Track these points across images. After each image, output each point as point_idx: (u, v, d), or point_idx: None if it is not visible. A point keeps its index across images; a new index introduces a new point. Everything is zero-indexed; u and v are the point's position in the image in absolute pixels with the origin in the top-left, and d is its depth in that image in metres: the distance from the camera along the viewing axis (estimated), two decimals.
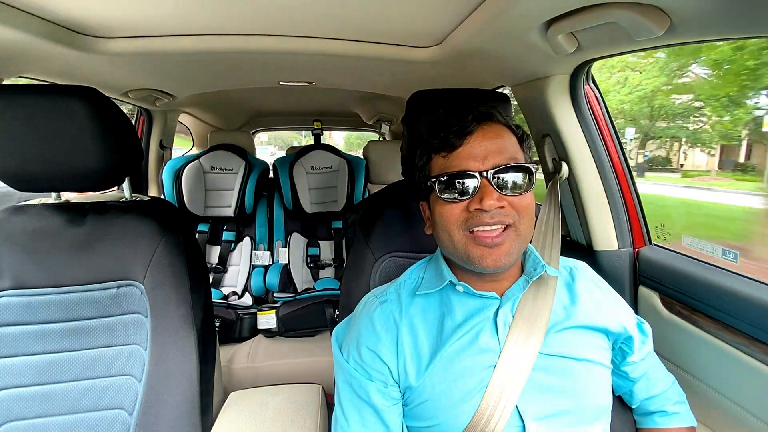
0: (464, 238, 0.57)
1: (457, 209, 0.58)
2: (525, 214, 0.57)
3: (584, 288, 0.66)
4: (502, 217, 0.55)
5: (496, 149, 0.57)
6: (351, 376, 0.62)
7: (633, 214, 1.00)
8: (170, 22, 0.87)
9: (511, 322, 0.60)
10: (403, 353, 0.60)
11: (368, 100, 2.20)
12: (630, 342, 0.65)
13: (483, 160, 0.57)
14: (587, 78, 0.96)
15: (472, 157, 0.57)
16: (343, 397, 0.63)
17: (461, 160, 0.58)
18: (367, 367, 0.61)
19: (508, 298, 0.61)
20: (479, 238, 0.56)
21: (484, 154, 0.57)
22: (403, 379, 0.60)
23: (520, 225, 0.57)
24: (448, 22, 0.86)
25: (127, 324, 0.82)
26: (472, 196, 0.56)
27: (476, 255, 0.56)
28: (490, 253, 0.56)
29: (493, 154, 0.57)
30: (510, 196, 0.56)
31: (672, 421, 0.67)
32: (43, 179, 0.77)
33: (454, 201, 0.58)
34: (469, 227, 0.56)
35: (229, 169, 1.89)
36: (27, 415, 0.78)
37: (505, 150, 0.58)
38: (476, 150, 0.57)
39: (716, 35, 0.61)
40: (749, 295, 0.69)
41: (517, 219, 0.56)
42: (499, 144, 0.58)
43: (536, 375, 0.57)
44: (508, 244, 0.56)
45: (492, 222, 0.55)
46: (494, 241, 0.55)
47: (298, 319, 1.60)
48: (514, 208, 0.56)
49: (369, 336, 0.62)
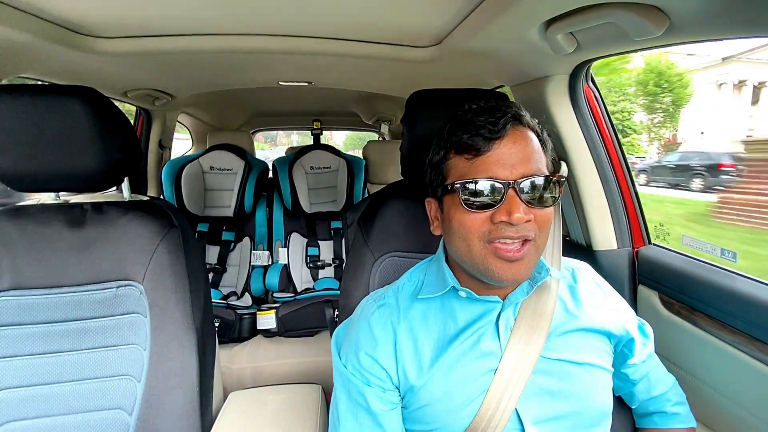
0: (484, 250, 0.54)
1: (479, 219, 0.53)
2: (545, 227, 0.54)
3: (586, 290, 0.65)
4: (525, 232, 0.52)
5: (525, 157, 0.53)
6: (349, 382, 0.61)
7: (632, 214, 1.00)
8: (169, 21, 0.87)
9: (513, 326, 0.59)
10: (402, 357, 0.59)
11: (367, 100, 2.20)
12: (631, 344, 0.65)
13: (512, 168, 0.52)
14: (586, 78, 0.96)
15: (501, 164, 0.52)
16: (340, 402, 0.62)
17: (489, 166, 0.53)
18: (365, 372, 0.60)
19: (510, 302, 0.60)
20: (500, 252, 0.52)
21: (513, 161, 0.52)
22: (403, 382, 0.59)
23: (539, 239, 0.54)
24: (447, 22, 0.86)
25: (126, 324, 0.82)
26: (498, 206, 0.52)
27: (496, 269, 0.53)
28: (510, 268, 0.53)
29: (521, 163, 0.53)
30: (535, 209, 0.53)
31: (671, 422, 0.67)
32: (42, 179, 0.76)
33: (476, 210, 0.53)
34: (491, 239, 0.53)
35: (229, 169, 1.89)
36: (26, 415, 0.78)
37: (533, 158, 0.54)
38: (505, 156, 0.53)
39: (715, 35, 0.61)
40: (749, 295, 0.70)
41: (537, 233, 0.53)
42: (528, 151, 0.54)
43: (537, 378, 0.57)
44: (527, 258, 0.53)
45: (516, 236, 0.52)
46: (515, 256, 0.52)
47: (298, 319, 1.59)
48: (536, 222, 0.53)
49: (367, 341, 0.61)
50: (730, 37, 0.61)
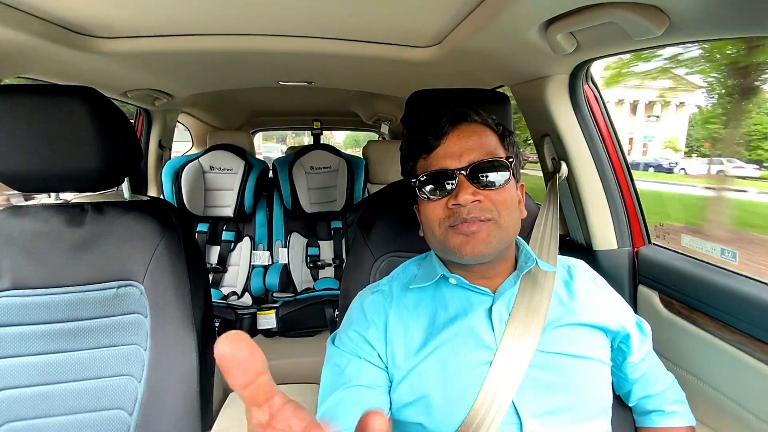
0: (445, 231, 0.59)
1: (438, 207, 0.60)
2: (504, 207, 0.59)
3: (582, 286, 0.66)
4: (478, 213, 0.57)
5: (472, 146, 0.59)
6: (338, 356, 0.62)
7: (632, 214, 1.00)
8: (169, 22, 0.87)
9: (508, 319, 0.60)
10: (392, 340, 0.61)
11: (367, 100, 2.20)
12: (628, 341, 0.65)
13: (459, 158, 0.59)
14: (586, 78, 0.96)
15: (449, 156, 0.60)
16: (325, 378, 0.62)
17: (439, 160, 0.60)
18: (355, 348, 0.61)
19: (500, 294, 0.62)
20: (457, 228, 0.58)
21: (460, 152, 0.59)
22: (391, 362, 0.60)
23: (501, 219, 0.58)
24: (447, 22, 0.86)
25: (126, 324, 0.82)
26: (450, 193, 0.58)
27: (455, 244, 0.58)
28: (468, 241, 0.57)
29: (468, 152, 0.59)
30: (487, 190, 0.58)
31: (670, 420, 0.67)
32: (42, 179, 0.77)
33: (434, 199, 0.60)
34: (449, 223, 0.58)
35: (229, 169, 1.89)
36: (27, 415, 0.78)
37: (481, 147, 0.60)
38: (452, 149, 0.60)
39: (715, 34, 0.61)
40: (748, 294, 0.70)
41: (496, 214, 0.58)
42: (475, 141, 0.60)
43: (533, 372, 0.57)
44: (485, 232, 0.57)
45: (469, 217, 0.57)
46: (469, 229, 0.57)
47: (298, 319, 1.60)
48: (492, 203, 0.58)
49: (359, 321, 0.64)
50: (730, 36, 0.61)
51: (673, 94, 6.48)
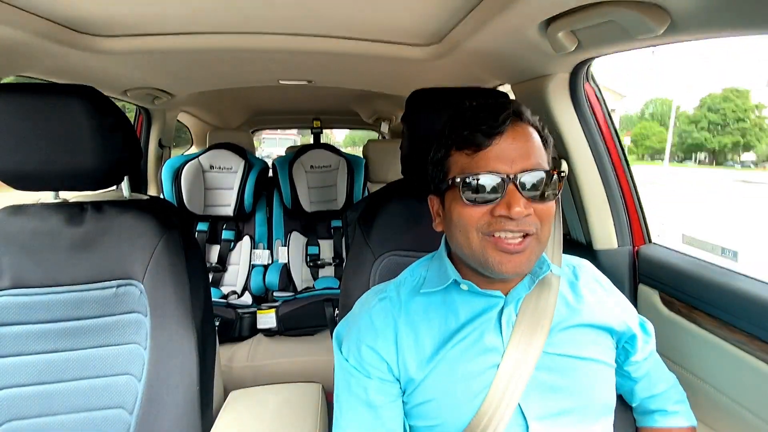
0: (483, 242, 0.54)
1: (479, 212, 0.54)
2: (547, 221, 0.55)
3: (588, 286, 0.66)
4: (526, 226, 0.53)
5: (526, 152, 0.54)
6: (350, 375, 0.61)
7: (633, 213, 1.00)
8: (169, 20, 0.87)
9: (515, 322, 0.59)
10: (403, 350, 0.59)
11: (367, 99, 2.20)
12: (633, 341, 0.65)
13: (512, 163, 0.53)
14: (587, 76, 0.96)
15: (501, 159, 0.53)
16: (341, 397, 0.62)
17: (489, 161, 0.53)
18: (366, 365, 0.60)
19: (513, 298, 0.60)
20: (500, 244, 0.53)
21: (513, 156, 0.53)
22: (404, 375, 0.59)
23: (541, 233, 0.54)
24: (447, 21, 0.85)
25: (126, 323, 0.82)
26: (499, 200, 0.53)
27: (495, 261, 0.53)
28: (510, 260, 0.53)
29: (522, 158, 0.53)
30: (536, 203, 0.53)
31: (672, 420, 0.67)
32: (42, 178, 0.76)
33: (477, 204, 0.54)
34: (490, 232, 0.53)
35: (229, 168, 1.89)
36: (27, 414, 0.78)
37: (533, 153, 0.54)
38: (506, 152, 0.53)
39: (716, 33, 0.61)
40: (749, 294, 0.69)
41: (539, 227, 0.54)
42: (528, 147, 0.54)
43: (540, 374, 0.57)
44: (528, 251, 0.53)
45: (516, 230, 0.52)
46: (515, 248, 0.52)
47: (298, 318, 1.59)
48: (537, 216, 0.54)
49: (368, 333, 0.62)
50: (730, 34, 0.61)
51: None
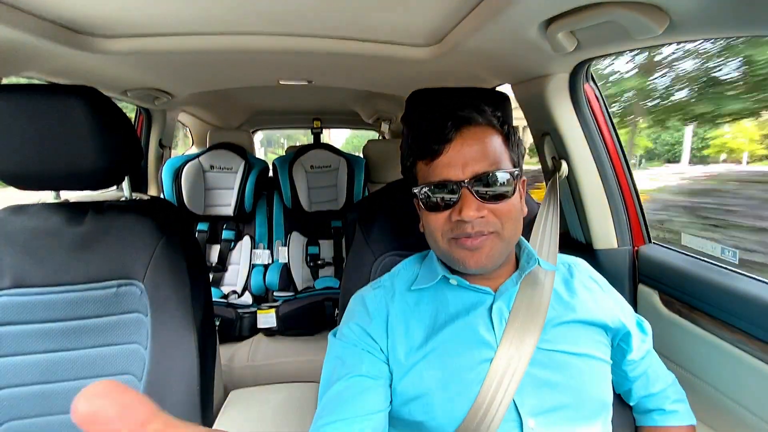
0: (448, 243, 0.59)
1: (440, 218, 0.58)
2: (508, 219, 0.58)
3: (582, 284, 0.66)
4: (482, 227, 0.56)
5: (477, 155, 0.56)
6: (340, 348, 0.62)
7: (632, 213, 1.00)
8: (169, 21, 0.87)
9: (508, 317, 0.60)
10: (393, 334, 0.61)
11: (368, 99, 2.20)
12: (628, 339, 0.65)
13: (463, 168, 0.56)
14: (587, 76, 0.96)
15: (452, 165, 0.56)
16: (326, 370, 0.61)
17: (441, 169, 0.57)
18: (357, 339, 0.61)
19: (501, 293, 0.62)
20: (460, 242, 0.57)
21: (464, 161, 0.56)
22: (392, 357, 0.60)
23: (504, 231, 0.57)
24: (446, 21, 0.85)
25: (127, 323, 0.82)
26: (454, 206, 0.56)
27: (459, 257, 0.58)
28: (472, 256, 0.57)
29: (473, 161, 0.56)
30: (492, 203, 0.56)
31: (671, 420, 0.67)
32: (43, 178, 0.77)
33: (436, 211, 0.58)
34: (453, 236, 0.58)
35: (229, 168, 1.89)
36: (27, 414, 0.78)
37: (487, 155, 0.57)
38: (455, 158, 0.57)
39: (715, 34, 0.61)
40: (749, 294, 0.70)
41: (499, 226, 0.57)
42: (480, 149, 0.57)
43: (534, 370, 0.57)
44: (488, 246, 0.57)
45: (473, 232, 0.56)
46: (473, 245, 0.56)
47: (298, 317, 1.60)
48: (496, 216, 0.57)
49: (360, 315, 0.64)
50: (730, 35, 0.61)
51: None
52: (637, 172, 1.84)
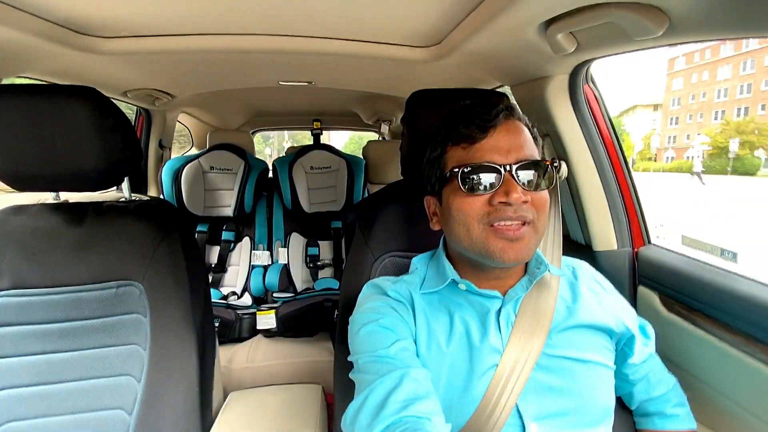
0: (484, 232, 0.56)
1: (478, 202, 0.56)
2: (543, 211, 0.57)
3: (587, 287, 0.66)
4: (524, 213, 0.55)
5: (519, 145, 0.57)
6: (379, 316, 0.60)
7: (632, 214, 1.00)
8: (170, 22, 0.87)
9: (514, 322, 0.60)
10: (419, 325, 0.61)
11: (367, 100, 2.20)
12: (632, 343, 0.65)
13: (507, 154, 0.56)
14: (586, 78, 0.96)
15: (496, 150, 0.56)
16: (368, 334, 0.59)
17: (485, 152, 0.56)
18: (392, 312, 0.61)
19: (511, 297, 0.61)
20: (501, 231, 0.55)
21: (508, 148, 0.56)
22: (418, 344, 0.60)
23: (538, 222, 0.57)
24: (446, 22, 0.86)
25: (126, 324, 0.82)
26: (497, 189, 0.55)
27: (497, 248, 0.55)
28: (512, 247, 0.55)
29: (515, 149, 0.56)
30: (532, 192, 0.56)
31: (671, 423, 0.67)
32: (42, 179, 0.77)
33: (476, 194, 0.56)
34: (490, 221, 0.55)
35: (229, 169, 1.89)
36: (26, 415, 0.78)
37: (526, 146, 0.58)
38: (500, 143, 0.57)
39: (715, 35, 0.61)
40: (749, 295, 0.69)
41: (536, 216, 0.56)
42: (521, 140, 0.58)
43: (538, 375, 0.57)
44: (527, 238, 0.55)
45: (515, 216, 0.55)
46: (515, 235, 0.55)
47: (298, 319, 1.59)
48: (533, 205, 0.56)
49: (387, 299, 0.63)
50: (730, 37, 0.61)
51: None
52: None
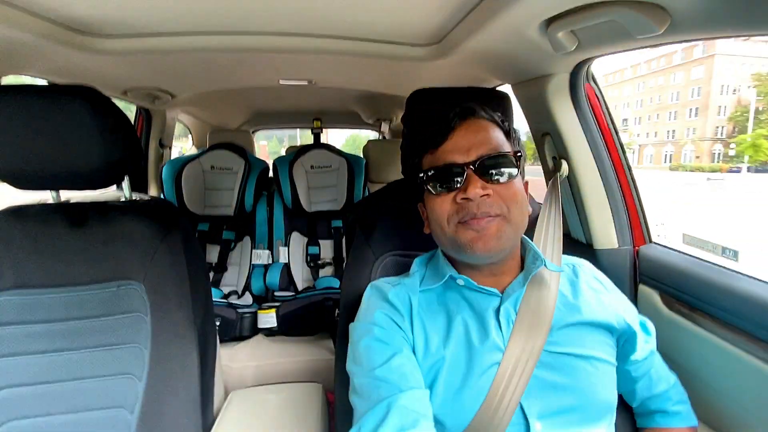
0: (455, 227, 0.59)
1: (446, 202, 0.59)
2: (513, 202, 0.58)
3: (587, 285, 0.66)
4: (488, 208, 0.57)
5: (480, 141, 0.60)
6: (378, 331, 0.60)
7: (633, 213, 1.00)
8: (169, 20, 0.87)
9: (515, 319, 0.60)
10: (416, 331, 0.61)
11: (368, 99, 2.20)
12: (633, 340, 0.65)
13: (467, 152, 0.59)
14: (587, 76, 0.96)
15: (457, 150, 0.60)
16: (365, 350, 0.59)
17: (447, 154, 0.60)
18: (391, 324, 0.61)
19: (509, 295, 0.61)
20: (468, 223, 0.57)
21: (468, 146, 0.59)
22: (415, 352, 0.60)
23: (510, 214, 0.58)
24: (447, 21, 0.85)
25: (127, 323, 0.82)
26: (458, 187, 0.58)
27: (466, 240, 0.57)
28: (479, 237, 0.57)
29: (477, 146, 0.59)
30: (496, 185, 0.58)
31: (673, 421, 0.67)
32: (42, 178, 0.77)
33: (442, 193, 0.60)
34: (459, 218, 0.58)
35: (229, 168, 1.89)
36: (27, 414, 0.78)
37: (489, 141, 0.60)
38: (460, 143, 0.60)
39: (717, 33, 0.61)
40: (750, 294, 0.69)
41: (505, 209, 0.58)
42: (482, 136, 0.60)
43: (541, 372, 0.57)
44: (494, 227, 0.57)
45: (479, 212, 0.56)
46: (480, 225, 0.57)
47: (299, 318, 1.60)
48: (501, 198, 0.58)
49: (387, 308, 0.63)
50: (731, 35, 0.61)
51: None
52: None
